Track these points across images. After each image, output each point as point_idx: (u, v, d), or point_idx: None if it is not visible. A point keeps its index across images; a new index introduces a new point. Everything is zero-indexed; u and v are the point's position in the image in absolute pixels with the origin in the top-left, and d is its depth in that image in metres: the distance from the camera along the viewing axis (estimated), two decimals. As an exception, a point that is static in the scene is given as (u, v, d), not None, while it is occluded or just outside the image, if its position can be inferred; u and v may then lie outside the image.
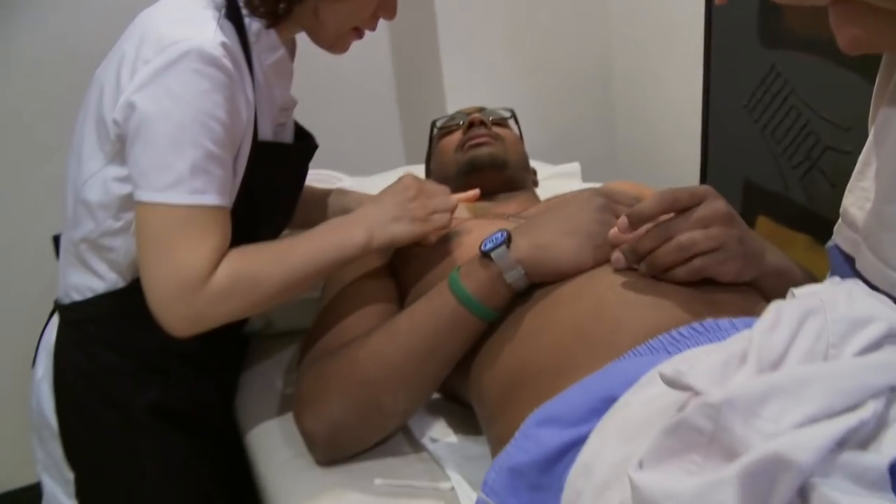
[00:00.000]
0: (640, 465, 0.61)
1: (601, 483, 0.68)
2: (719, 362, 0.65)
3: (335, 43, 1.15)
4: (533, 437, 0.76)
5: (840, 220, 1.10)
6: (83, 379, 1.16)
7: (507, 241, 0.94)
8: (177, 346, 1.17)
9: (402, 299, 1.19)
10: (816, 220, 1.56)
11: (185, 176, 0.96)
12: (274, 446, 1.13)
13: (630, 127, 2.19)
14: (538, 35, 2.10)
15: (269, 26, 1.08)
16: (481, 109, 1.49)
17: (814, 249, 1.57)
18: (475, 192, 1.20)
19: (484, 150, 1.36)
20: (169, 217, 0.97)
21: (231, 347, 1.37)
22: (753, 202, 1.72)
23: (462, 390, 1.04)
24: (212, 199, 0.99)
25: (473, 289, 0.95)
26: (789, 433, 0.57)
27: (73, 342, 1.17)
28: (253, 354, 1.41)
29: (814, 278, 1.11)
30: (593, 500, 0.68)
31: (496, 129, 1.44)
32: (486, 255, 0.94)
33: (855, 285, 0.76)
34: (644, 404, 0.72)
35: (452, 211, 1.12)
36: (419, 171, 1.85)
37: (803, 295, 0.76)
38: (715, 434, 0.58)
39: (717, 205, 0.88)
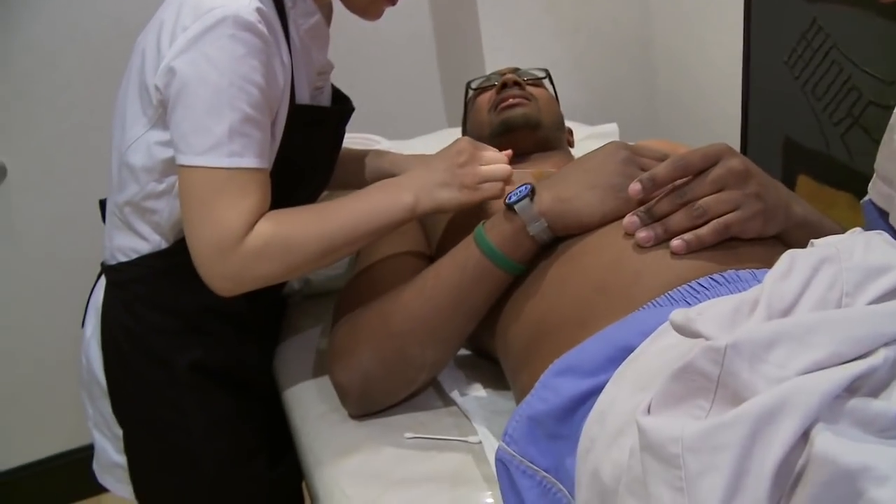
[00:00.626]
0: (648, 410, 0.62)
1: (614, 430, 0.69)
2: (730, 309, 0.66)
3: (368, 9, 1.17)
4: (552, 386, 0.78)
5: (875, 174, 1.09)
6: (129, 337, 1.20)
7: (531, 193, 0.95)
8: (218, 307, 1.21)
9: (433, 252, 1.21)
10: (859, 178, 1.52)
11: (223, 139, 0.99)
12: (310, 401, 1.16)
13: (671, 85, 2.16)
14: (576, -3, 2.08)
15: None
16: (515, 70, 1.49)
17: (856, 208, 1.53)
18: (508, 152, 1.20)
19: (517, 111, 1.36)
20: (209, 179, 1.00)
21: (271, 308, 1.40)
22: (794, 161, 1.69)
23: (489, 345, 1.05)
24: (250, 161, 1.01)
25: (498, 241, 0.96)
26: (795, 378, 0.57)
27: (119, 302, 1.21)
28: (291, 314, 1.45)
29: (841, 228, 1.10)
30: (606, 446, 0.69)
31: (530, 89, 1.43)
32: (510, 207, 0.95)
33: (875, 235, 0.76)
34: (658, 353, 0.73)
35: (506, 180, 1.08)
36: (454, 134, 1.86)
37: (820, 244, 0.75)
38: (721, 378, 0.59)
39: (732, 163, 0.88)
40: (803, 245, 0.94)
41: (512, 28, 2.07)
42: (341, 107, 1.31)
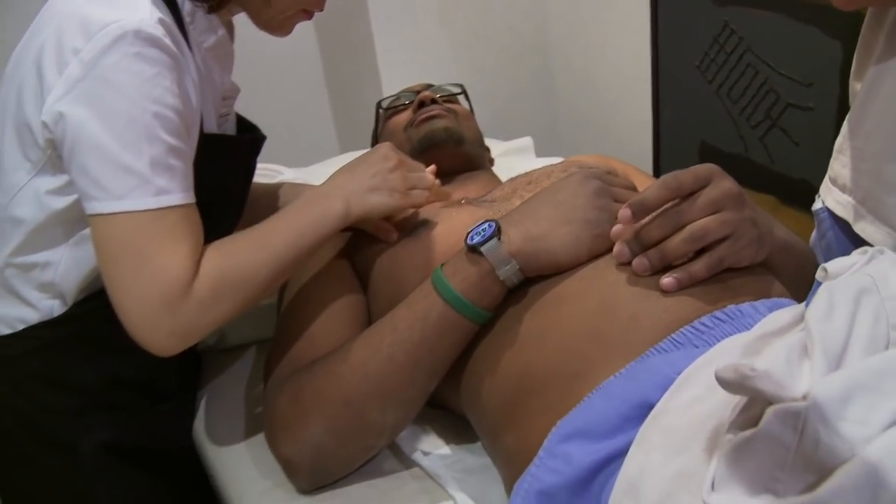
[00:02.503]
0: (713, 487, 0.54)
1: (654, 503, 0.60)
2: (782, 359, 0.58)
3: (282, 24, 1.03)
4: (562, 454, 0.68)
5: (827, 181, 1.06)
6: (19, 422, 1.03)
7: (497, 232, 0.85)
8: (126, 376, 1.07)
9: (367, 296, 1.09)
10: (781, 180, 1.52)
11: (146, 176, 0.84)
12: (248, 477, 1.01)
13: (573, 96, 2.12)
14: (472, 6, 2.00)
15: (210, 10, 0.96)
16: (429, 86, 1.40)
17: (779, 210, 1.54)
18: (432, 168, 1.10)
19: (439, 124, 1.26)
20: (134, 225, 0.85)
21: (185, 368, 1.24)
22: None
23: (452, 399, 0.95)
24: (179, 196, 0.87)
25: (462, 288, 0.85)
26: (881, 436, 0.50)
27: (5, 381, 1.03)
28: (208, 373, 1.28)
29: (810, 247, 1.06)
30: (647, 523, 0.61)
31: (447, 106, 1.35)
32: (474, 249, 0.85)
33: (893, 255, 0.71)
34: (687, 408, 0.65)
35: (431, 190, 1.03)
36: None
37: (840, 270, 0.69)
38: (800, 445, 0.51)
39: (726, 185, 0.81)
40: (784, 267, 0.91)
41: (407, 43, 1.97)
42: (252, 136, 1.17)
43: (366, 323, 1.04)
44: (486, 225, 0.86)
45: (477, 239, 0.85)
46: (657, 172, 1.81)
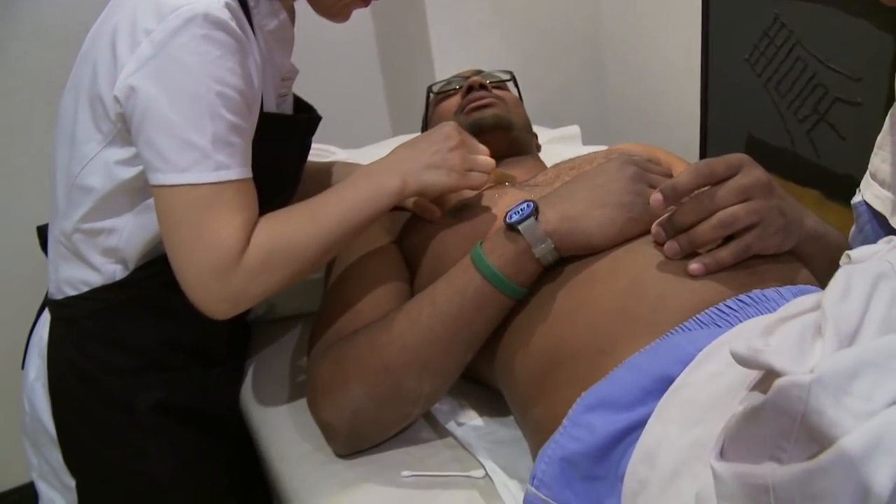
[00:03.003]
0: (721, 454, 0.56)
1: (669, 471, 0.63)
2: (795, 336, 0.61)
3: (340, 11, 1.08)
4: (585, 423, 0.71)
5: (868, 176, 1.06)
6: (82, 380, 1.09)
7: (535, 212, 0.88)
8: (181, 340, 1.12)
9: (413, 277, 1.14)
10: (826, 175, 1.52)
11: (207, 151, 0.89)
12: (289, 440, 1.07)
13: (623, 86, 2.13)
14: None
15: None
16: (479, 72, 1.43)
17: (823, 205, 1.53)
18: (485, 150, 1.12)
19: (488, 112, 1.29)
20: (194, 197, 0.90)
21: (236, 336, 1.30)
22: (758, 159, 1.64)
23: (487, 373, 0.98)
24: (238, 171, 0.92)
25: (500, 264, 0.89)
26: (885, 411, 0.52)
27: (68, 340, 1.10)
28: (256, 342, 1.34)
29: (845, 238, 1.07)
30: (661, 490, 0.63)
31: (496, 92, 1.37)
32: (512, 227, 0.88)
33: (917, 243, 0.72)
34: (706, 383, 0.67)
35: (491, 173, 1.05)
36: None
37: (863, 257, 0.71)
38: (805, 416, 0.54)
39: (756, 174, 0.83)
40: (815, 257, 0.92)
41: (460, 30, 2.00)
42: (309, 115, 1.22)
43: (408, 297, 1.07)
44: (524, 205, 0.89)
45: (515, 218, 0.88)
46: (703, 164, 1.82)
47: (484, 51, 2.01)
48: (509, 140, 1.31)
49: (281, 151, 1.11)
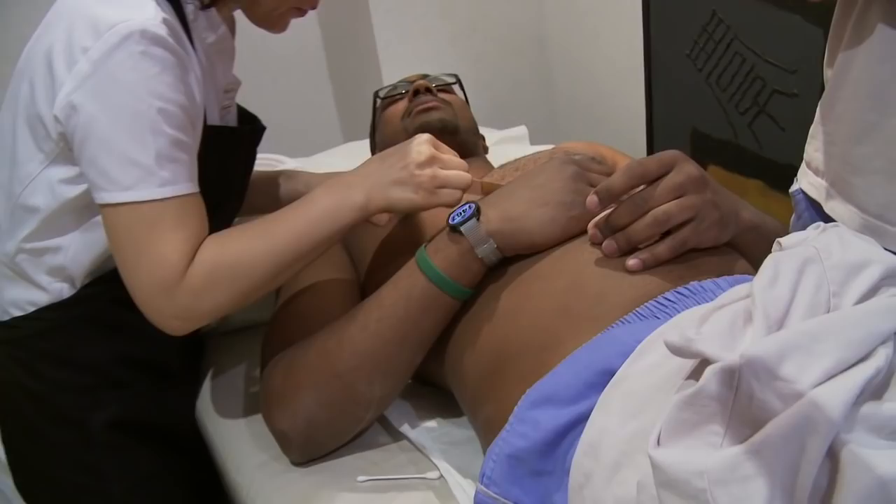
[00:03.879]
0: (658, 442, 0.58)
1: (612, 462, 0.65)
2: (725, 324, 0.62)
3: (275, 21, 1.08)
4: (530, 420, 0.73)
5: (803, 165, 1.09)
6: (32, 400, 1.08)
7: (477, 213, 0.89)
8: (134, 355, 1.11)
9: (360, 278, 1.14)
10: (768, 165, 1.55)
11: (151, 168, 0.89)
12: (245, 451, 1.06)
13: (571, 86, 2.15)
14: (470, -1, 2.05)
15: (204, 6, 1.01)
16: (425, 76, 1.44)
17: (767, 195, 1.57)
18: (462, 165, 1.10)
19: (434, 115, 1.30)
20: (139, 215, 0.90)
21: (189, 349, 1.29)
22: (703, 151, 1.70)
23: (437, 375, 0.99)
24: (182, 187, 0.91)
25: (444, 266, 0.90)
26: (810, 392, 0.54)
27: (15, 362, 1.08)
28: (210, 354, 1.34)
29: (784, 226, 1.10)
30: (605, 480, 0.65)
31: (442, 95, 1.39)
32: (454, 228, 0.89)
33: (844, 229, 0.74)
34: (645, 374, 0.69)
35: (465, 190, 0.97)
36: (358, 147, 1.79)
37: (793, 244, 0.73)
38: (735, 401, 0.55)
39: (688, 169, 0.85)
40: (753, 247, 0.95)
41: (406, 34, 2.01)
42: (252, 126, 1.21)
43: (357, 300, 1.08)
44: (466, 206, 0.90)
45: (458, 219, 0.89)
46: (650, 160, 1.85)
47: (431, 54, 2.02)
48: (456, 143, 1.31)
49: (226, 163, 1.11)
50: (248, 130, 1.19)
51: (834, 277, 0.66)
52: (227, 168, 1.13)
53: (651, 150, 1.84)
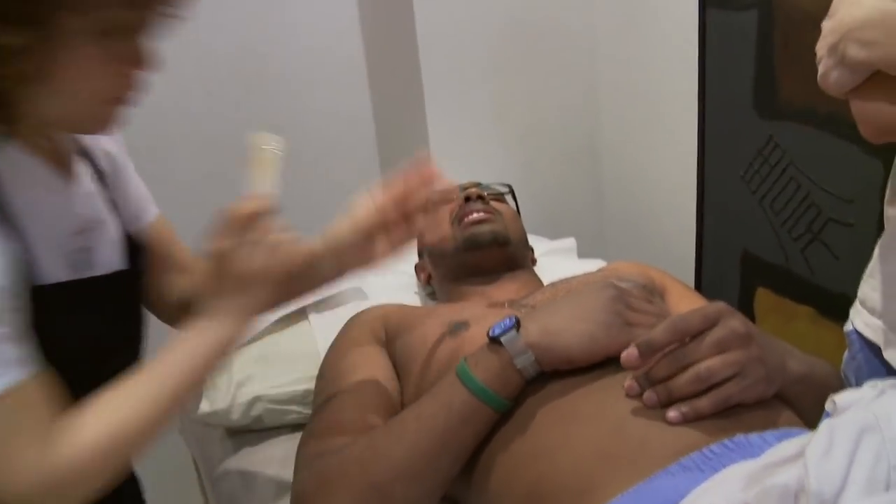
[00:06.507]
0: None
1: None
2: (775, 499, 0.59)
3: (92, 121, 0.89)
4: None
5: (858, 304, 1.06)
6: None
7: (517, 325, 0.91)
8: None
9: (402, 388, 1.13)
10: (820, 293, 1.52)
11: None
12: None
13: (621, 199, 2.15)
14: (525, 106, 2.06)
15: None
16: (478, 184, 1.45)
17: (817, 322, 1.53)
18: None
19: (485, 227, 1.32)
20: None
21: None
22: (753, 273, 1.67)
23: (464, 495, 0.97)
24: (15, 374, 0.78)
25: (485, 377, 0.91)
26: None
27: None
28: (238, 454, 1.32)
29: (835, 370, 1.06)
30: None
31: (494, 205, 1.39)
32: (494, 340, 0.91)
33: (903, 391, 0.71)
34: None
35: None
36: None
37: (848, 404, 0.70)
38: None
39: (733, 324, 0.85)
40: (800, 398, 0.92)
41: (460, 138, 2.03)
42: (121, 272, 1.00)
43: (397, 409, 1.07)
44: (507, 320, 0.92)
45: (498, 331, 0.91)
46: (699, 279, 1.82)
47: (482, 160, 2.03)
48: (505, 255, 1.32)
49: (92, 317, 0.95)
50: (115, 276, 0.99)
51: (894, 450, 0.63)
52: (92, 323, 0.96)
53: (700, 269, 1.82)
